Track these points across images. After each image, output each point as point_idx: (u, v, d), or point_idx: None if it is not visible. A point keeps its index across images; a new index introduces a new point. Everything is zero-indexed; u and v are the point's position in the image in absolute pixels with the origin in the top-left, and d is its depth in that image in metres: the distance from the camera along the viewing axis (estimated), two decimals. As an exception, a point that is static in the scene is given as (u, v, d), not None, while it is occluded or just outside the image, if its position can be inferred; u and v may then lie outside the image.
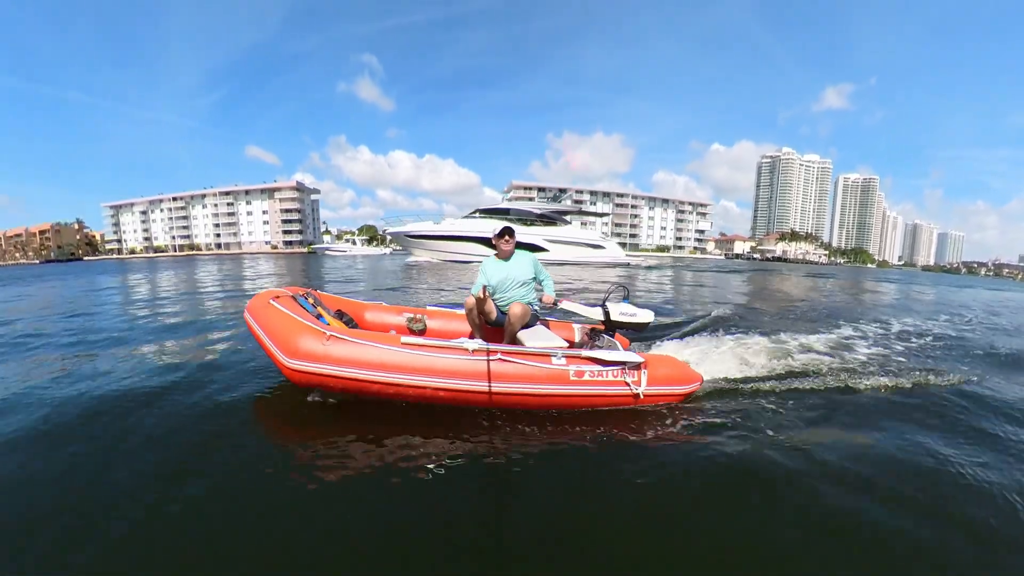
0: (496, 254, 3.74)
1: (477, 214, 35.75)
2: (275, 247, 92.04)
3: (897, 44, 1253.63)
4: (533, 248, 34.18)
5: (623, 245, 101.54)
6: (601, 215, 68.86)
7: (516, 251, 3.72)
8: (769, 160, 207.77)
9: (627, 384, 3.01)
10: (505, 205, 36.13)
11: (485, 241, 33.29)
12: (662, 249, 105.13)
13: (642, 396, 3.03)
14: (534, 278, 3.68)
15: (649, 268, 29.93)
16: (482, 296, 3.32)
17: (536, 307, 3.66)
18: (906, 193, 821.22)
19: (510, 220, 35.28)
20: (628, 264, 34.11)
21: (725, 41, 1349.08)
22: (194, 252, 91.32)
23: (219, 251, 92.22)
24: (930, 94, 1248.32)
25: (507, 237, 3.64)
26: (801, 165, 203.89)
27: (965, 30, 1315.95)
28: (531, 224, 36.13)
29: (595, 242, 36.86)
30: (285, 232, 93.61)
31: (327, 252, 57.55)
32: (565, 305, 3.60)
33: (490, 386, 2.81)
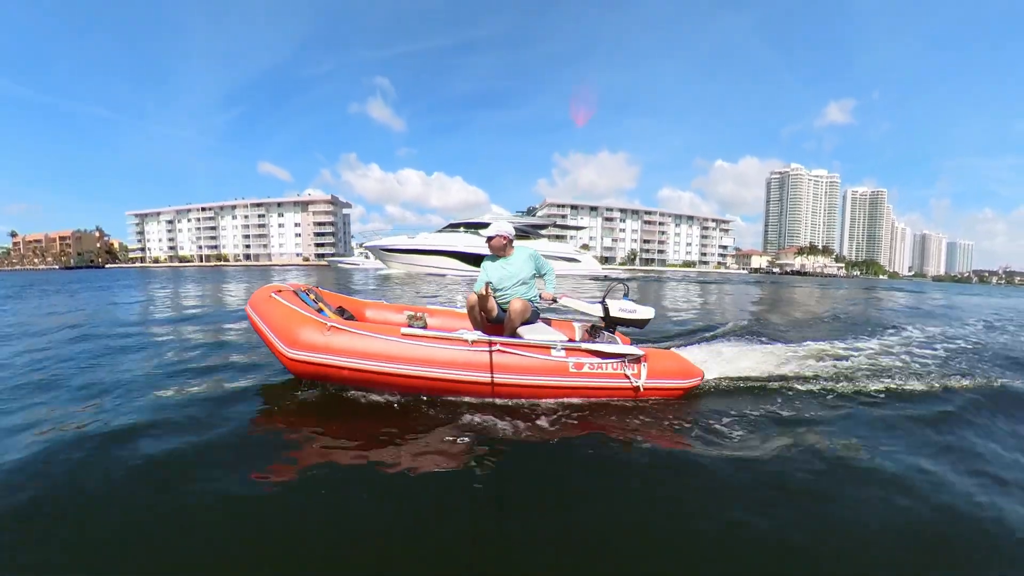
0: (493, 253, 3.69)
1: (450, 229, 36.13)
2: (307, 259, 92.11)
3: (898, 57, 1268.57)
4: None
5: (651, 261, 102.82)
6: (579, 228, 68.33)
7: (516, 248, 3.68)
8: (778, 176, 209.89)
9: (627, 377, 3.02)
10: (475, 220, 36.26)
11: (457, 255, 33.95)
12: (688, 264, 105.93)
13: (642, 389, 3.03)
14: (535, 274, 3.63)
15: (629, 280, 29.15)
16: (484, 293, 3.28)
17: (537, 304, 3.62)
18: (913, 203, 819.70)
19: (483, 234, 35.15)
20: (605, 277, 33.42)
21: (726, 60, 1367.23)
22: (221, 263, 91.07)
23: (247, 262, 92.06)
24: (933, 104, 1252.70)
25: (494, 238, 3.61)
26: (809, 180, 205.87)
27: (967, 38, 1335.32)
28: None
29: (570, 255, 37.13)
30: (317, 245, 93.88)
31: (340, 265, 58.27)
32: (565, 301, 3.59)
33: (492, 377, 2.86)
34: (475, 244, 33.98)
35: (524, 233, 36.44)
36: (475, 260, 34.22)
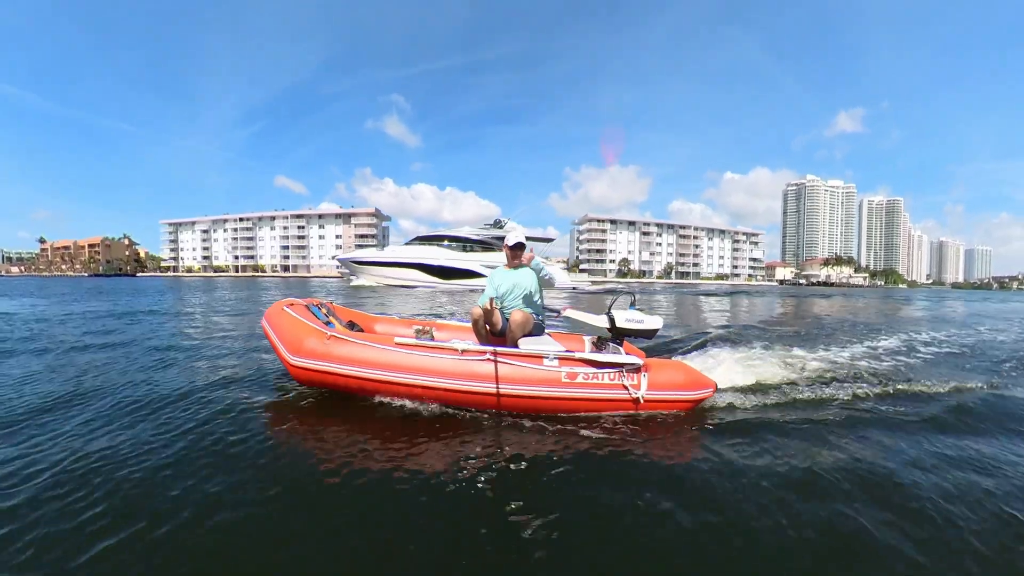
0: (505, 264, 3.71)
1: (418, 242, 37.36)
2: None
3: (906, 65, 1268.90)
4: (471, 274, 35.22)
5: (686, 275, 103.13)
6: (548, 240, 68.80)
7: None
8: (795, 187, 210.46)
9: (625, 388, 2.88)
10: (442, 232, 37.52)
11: (423, 267, 35.28)
12: (721, 277, 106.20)
13: (642, 401, 2.90)
14: (540, 288, 3.67)
15: (603, 293, 27.61)
16: (489, 307, 3.26)
17: (540, 317, 3.62)
18: (927, 210, 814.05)
19: (448, 247, 36.76)
20: (574, 288, 33.65)
21: (734, 74, 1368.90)
22: (257, 274, 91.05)
23: (285, 274, 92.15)
24: (944, 111, 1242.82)
25: (520, 251, 3.62)
26: (826, 190, 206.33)
27: (975, 43, 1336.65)
28: (469, 250, 37.07)
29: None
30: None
31: (351, 278, 59.41)
32: (569, 313, 3.54)
33: (482, 387, 2.80)
34: (441, 257, 35.06)
35: (488, 245, 36.91)
36: (440, 273, 35.38)
